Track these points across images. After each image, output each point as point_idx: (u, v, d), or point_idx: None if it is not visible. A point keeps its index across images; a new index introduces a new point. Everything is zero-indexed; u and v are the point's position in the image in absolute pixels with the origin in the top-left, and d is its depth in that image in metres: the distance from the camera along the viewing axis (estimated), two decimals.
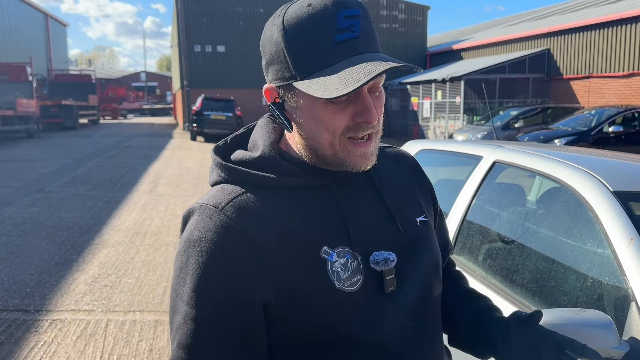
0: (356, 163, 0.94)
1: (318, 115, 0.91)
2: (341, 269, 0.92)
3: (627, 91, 15.83)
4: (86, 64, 79.31)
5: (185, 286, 0.90)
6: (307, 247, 0.91)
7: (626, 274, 1.50)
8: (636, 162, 2.39)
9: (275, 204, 0.93)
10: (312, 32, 0.87)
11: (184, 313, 0.90)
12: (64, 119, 27.95)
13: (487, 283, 2.08)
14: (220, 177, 0.98)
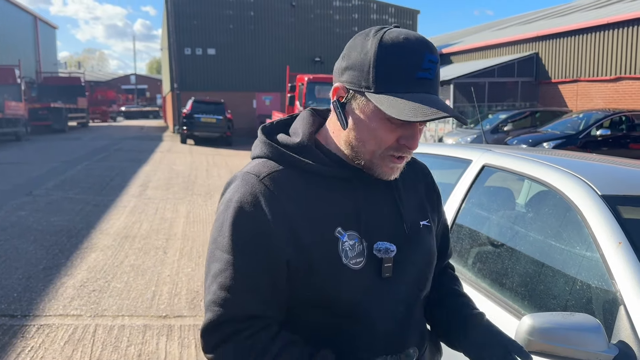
0: (385, 173, 1.11)
1: (375, 126, 1.06)
2: (349, 249, 1.09)
3: (615, 95, 15.99)
4: (76, 66, 78.87)
5: (225, 238, 1.06)
6: (324, 225, 1.08)
7: (614, 278, 1.51)
8: (624, 166, 2.41)
9: (305, 184, 1.10)
10: (401, 60, 1.02)
11: (224, 260, 1.06)
12: (53, 122, 27.72)
13: (477, 287, 2.08)
14: (263, 152, 1.15)
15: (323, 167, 1.11)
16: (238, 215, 1.06)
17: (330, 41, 27.66)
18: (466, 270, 2.25)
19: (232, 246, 1.06)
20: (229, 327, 1.05)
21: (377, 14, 28.52)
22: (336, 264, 1.07)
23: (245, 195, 1.07)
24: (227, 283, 1.05)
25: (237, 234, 1.06)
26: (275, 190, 1.07)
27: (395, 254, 1.13)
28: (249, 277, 1.05)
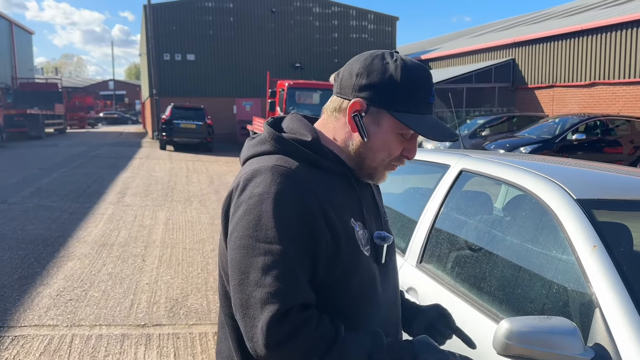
0: (379, 178, 1.28)
1: (389, 139, 1.23)
2: (362, 237, 1.22)
3: (589, 100, 16.30)
4: (53, 72, 77.69)
5: (270, 230, 1.09)
6: (344, 215, 1.19)
7: (590, 281, 1.53)
8: (598, 170, 2.45)
9: (322, 177, 1.20)
10: (421, 87, 1.22)
11: (273, 251, 1.08)
12: (29, 129, 27.22)
13: (456, 291, 2.09)
14: (276, 148, 1.22)
15: (332, 164, 1.23)
16: (280, 205, 1.10)
17: (310, 47, 27.73)
18: (445, 274, 2.26)
19: (279, 236, 1.08)
20: (296, 318, 1.06)
21: (357, 21, 28.68)
22: (357, 250, 1.20)
23: (282, 186, 1.12)
24: (282, 273, 1.07)
25: (282, 222, 1.09)
26: (308, 181, 1.15)
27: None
28: (302, 265, 1.10)
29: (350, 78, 1.24)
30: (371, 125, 1.22)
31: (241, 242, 1.11)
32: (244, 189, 1.16)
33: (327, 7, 28.33)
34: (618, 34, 15.32)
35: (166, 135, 20.43)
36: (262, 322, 1.05)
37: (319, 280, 1.15)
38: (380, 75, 1.21)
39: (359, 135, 1.23)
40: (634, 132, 13.21)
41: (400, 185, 3.59)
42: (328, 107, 1.30)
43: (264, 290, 1.06)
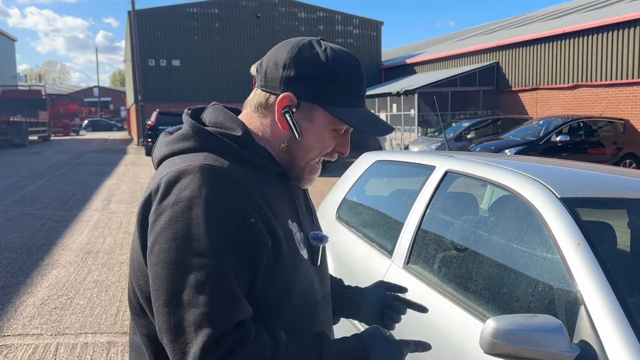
0: (305, 181, 1.19)
1: (324, 135, 1.12)
2: (300, 240, 1.12)
3: (573, 102, 16.49)
4: (36, 79, 76.95)
5: (201, 241, 0.93)
6: (281, 216, 1.08)
7: (575, 279, 1.54)
8: (581, 169, 2.47)
9: (257, 178, 1.07)
10: (354, 78, 1.12)
11: (205, 266, 0.93)
12: (12, 136, 26.91)
13: (442, 291, 2.09)
14: (202, 145, 1.07)
15: (265, 161, 1.11)
16: (213, 211, 0.95)
17: None
18: (432, 275, 2.26)
19: (213, 247, 0.93)
20: (230, 340, 0.92)
21: (342, 25, 28.79)
22: (297, 254, 1.09)
23: (215, 189, 0.97)
24: (218, 291, 0.93)
25: (217, 231, 0.94)
26: (242, 181, 1.01)
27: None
28: (240, 279, 0.96)
29: (277, 70, 1.10)
30: (303, 121, 1.10)
31: (167, 255, 0.94)
32: (166, 193, 0.98)
33: (313, 12, 28.41)
34: (600, 36, 15.54)
35: (152, 142, 20.30)
36: (195, 347, 0.90)
37: (260, 290, 1.01)
38: (310, 66, 1.08)
39: (289, 133, 1.11)
40: (616, 133, 13.40)
41: (386, 187, 3.60)
42: (251, 102, 1.15)
43: (197, 312, 0.91)
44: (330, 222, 3.48)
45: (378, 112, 22.13)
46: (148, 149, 20.99)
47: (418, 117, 19.01)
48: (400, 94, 19.78)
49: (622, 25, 14.77)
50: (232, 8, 27.11)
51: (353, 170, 3.64)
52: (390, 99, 20.90)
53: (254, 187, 1.02)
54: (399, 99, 20.16)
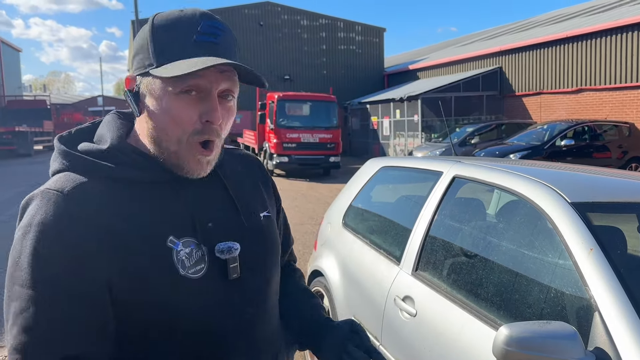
0: (192, 168, 1.01)
1: (168, 105, 0.96)
2: (186, 257, 0.98)
3: (577, 106, 16.46)
4: (41, 89, 77.43)
5: (24, 270, 0.90)
6: (153, 236, 0.96)
7: (588, 284, 1.52)
8: (591, 174, 2.45)
9: (121, 194, 0.97)
10: (176, 29, 0.98)
11: (25, 297, 0.89)
12: (18, 146, 27.03)
13: (452, 298, 2.08)
14: (64, 165, 1.00)
15: (140, 172, 1.00)
16: (40, 241, 0.90)
17: (299, 59, 27.85)
18: (441, 281, 2.25)
19: (34, 279, 0.89)
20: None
21: (344, 32, 28.86)
22: (173, 277, 0.96)
23: (47, 217, 0.91)
24: (30, 324, 0.88)
25: (40, 263, 0.89)
26: (83, 205, 0.93)
27: (240, 251, 1.04)
28: (58, 313, 0.89)
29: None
30: (148, 97, 0.99)
31: (7, 279, 0.93)
32: (19, 218, 0.96)
33: (315, 19, 28.50)
34: (603, 40, 15.52)
35: None
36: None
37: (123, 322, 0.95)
38: (138, 41, 1.01)
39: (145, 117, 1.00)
40: (621, 136, 13.34)
41: (393, 193, 3.59)
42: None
43: (10, 342, 0.89)
44: (337, 228, 3.47)
45: (381, 118, 22.16)
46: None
47: (422, 123, 19.00)
48: (404, 100, 19.79)
49: (625, 28, 14.76)
50: (235, 16, 27.24)
51: (359, 177, 3.63)
52: (394, 105, 20.91)
53: (104, 211, 0.94)
54: (402, 104, 20.17)
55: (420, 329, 2.17)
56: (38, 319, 0.89)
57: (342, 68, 28.34)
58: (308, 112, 16.87)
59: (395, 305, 2.38)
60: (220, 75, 0.98)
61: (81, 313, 0.91)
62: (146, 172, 1.00)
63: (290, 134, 16.29)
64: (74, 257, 0.90)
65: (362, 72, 28.62)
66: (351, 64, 28.60)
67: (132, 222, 0.95)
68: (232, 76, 1.00)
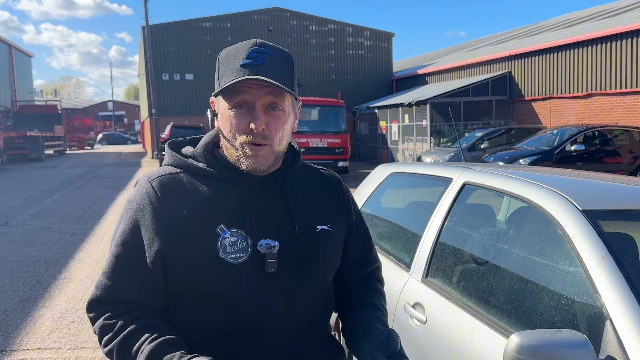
0: (247, 163, 1.22)
1: (227, 117, 1.23)
2: (229, 244, 1.20)
3: (587, 111, 16.36)
4: (52, 94, 78.04)
5: (116, 233, 1.24)
6: (206, 222, 1.21)
7: (599, 293, 1.52)
8: (602, 181, 2.45)
9: (196, 185, 1.25)
10: (229, 58, 1.23)
11: (110, 252, 1.23)
12: (29, 151, 27.29)
13: (462, 305, 2.08)
14: (166, 160, 1.33)
15: (212, 170, 1.26)
16: (127, 213, 1.24)
17: (308, 64, 27.91)
18: (451, 288, 2.25)
19: (117, 239, 1.22)
20: (102, 308, 1.21)
21: (353, 37, 28.91)
22: (211, 257, 1.18)
23: (136, 196, 1.25)
24: (107, 270, 1.22)
25: (123, 229, 1.23)
26: (159, 191, 1.22)
27: (282, 251, 1.22)
28: (124, 267, 1.20)
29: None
30: (219, 114, 1.27)
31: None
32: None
33: (324, 24, 28.57)
34: (614, 44, 15.44)
35: None
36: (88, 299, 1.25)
37: (172, 284, 1.21)
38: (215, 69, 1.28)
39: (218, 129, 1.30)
40: (632, 142, 13.24)
41: (402, 199, 3.59)
42: None
43: (98, 280, 1.24)
44: None
45: (390, 122, 22.14)
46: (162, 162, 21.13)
47: (430, 128, 18.97)
48: (412, 105, 19.77)
49: (636, 33, 14.67)
50: (245, 22, 27.36)
51: (369, 182, 3.64)
52: (402, 109, 20.89)
53: (174, 196, 1.22)
54: (410, 109, 20.15)
55: (430, 335, 2.17)
56: (111, 266, 1.22)
57: (351, 73, 28.35)
58: (317, 117, 16.89)
59: (405, 311, 2.38)
60: (263, 90, 1.19)
61: (140, 272, 1.19)
62: (215, 170, 1.26)
63: (299, 139, 16.31)
64: (139, 226, 1.21)
65: (371, 77, 28.62)
66: (360, 69, 28.62)
67: (194, 208, 1.21)
68: (275, 91, 1.20)
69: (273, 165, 1.26)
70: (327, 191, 1.39)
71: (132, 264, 1.20)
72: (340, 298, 1.42)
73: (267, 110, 1.21)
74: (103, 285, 1.22)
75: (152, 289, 1.21)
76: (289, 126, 1.27)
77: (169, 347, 1.14)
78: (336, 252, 1.36)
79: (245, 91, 1.19)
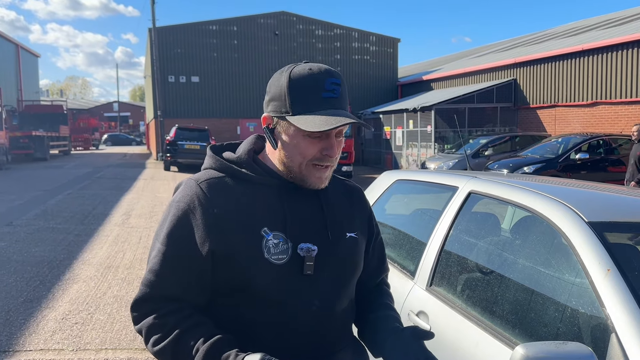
0: (313, 182, 1.33)
1: (298, 143, 1.29)
2: (273, 246, 1.27)
3: (592, 119, 16.34)
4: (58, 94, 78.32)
5: (163, 231, 1.28)
6: (252, 223, 1.28)
7: (605, 305, 1.52)
8: (608, 192, 2.45)
9: (239, 190, 1.31)
10: (308, 86, 1.27)
11: (157, 249, 1.27)
12: (35, 150, 27.37)
13: (467, 314, 2.08)
14: (209, 164, 1.38)
15: (255, 176, 1.33)
16: (176, 213, 1.28)
17: None
18: (456, 297, 2.25)
19: (165, 237, 1.26)
20: (148, 306, 1.26)
21: (359, 42, 28.95)
22: (257, 257, 1.25)
23: (184, 197, 1.29)
24: (155, 268, 1.26)
25: (171, 227, 1.26)
26: (208, 193, 1.28)
27: (318, 255, 1.31)
28: (173, 264, 1.25)
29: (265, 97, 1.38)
30: (282, 135, 1.31)
31: (154, 235, 1.33)
32: (173, 195, 1.36)
33: (330, 29, 28.63)
34: (619, 54, 15.42)
35: (170, 156, 20.51)
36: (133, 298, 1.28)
37: (218, 281, 1.27)
38: (274, 89, 1.32)
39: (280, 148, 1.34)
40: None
41: (407, 206, 3.60)
42: None
43: (144, 277, 1.28)
44: None
45: (394, 128, 22.14)
46: (167, 163, 21.19)
47: (435, 134, 18.96)
48: (417, 110, 19.78)
49: None
50: (251, 26, 27.45)
51: (373, 189, 3.64)
52: (407, 115, 20.90)
53: (222, 199, 1.28)
54: (415, 115, 20.15)
55: (433, 345, 2.16)
56: (160, 264, 1.26)
57: (356, 78, 28.39)
58: None
59: (409, 320, 2.38)
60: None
61: (188, 268, 1.25)
62: (257, 176, 1.33)
63: None
64: (191, 226, 1.25)
65: (376, 82, 28.65)
66: (365, 74, 28.65)
67: (239, 211, 1.28)
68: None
69: None
70: (353, 201, 1.49)
71: (181, 260, 1.25)
72: (357, 302, 1.51)
73: (335, 138, 1.32)
74: (149, 281, 1.26)
75: (199, 286, 1.26)
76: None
77: (224, 345, 1.20)
78: (361, 258, 1.46)
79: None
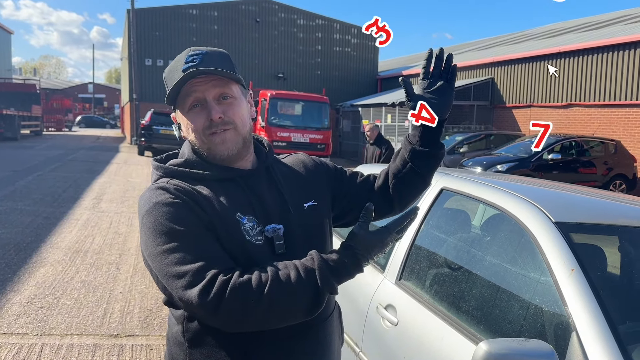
0: (220, 150, 1.33)
1: (186, 122, 1.35)
2: (250, 228, 1.30)
3: (565, 121, 16.64)
4: (31, 73, 76.51)
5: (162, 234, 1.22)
6: (225, 211, 1.29)
7: (567, 304, 1.55)
8: (576, 194, 2.49)
9: (198, 188, 1.31)
10: (172, 69, 1.36)
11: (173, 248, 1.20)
12: (4, 130, 26.71)
13: (434, 309, 2.10)
14: (158, 175, 1.38)
15: (208, 173, 1.34)
16: (162, 212, 1.24)
17: (293, 58, 27.84)
18: (424, 292, 2.27)
19: (172, 234, 1.22)
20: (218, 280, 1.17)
21: (340, 34, 28.90)
22: (241, 239, 1.28)
23: (161, 198, 1.26)
24: (188, 259, 1.19)
25: (169, 223, 1.23)
26: (179, 190, 1.28)
27: (286, 232, 1.34)
28: (202, 244, 1.22)
29: None
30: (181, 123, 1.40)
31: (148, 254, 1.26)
32: (139, 209, 1.31)
33: (312, 19, 28.50)
34: (595, 57, 15.71)
35: (145, 141, 20.23)
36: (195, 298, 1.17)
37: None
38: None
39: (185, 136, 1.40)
40: (607, 153, 13.52)
41: None
42: None
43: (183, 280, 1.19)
44: None
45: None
46: (141, 148, 20.88)
47: None
48: (396, 105, 19.87)
49: (618, 47, 14.95)
50: (232, 12, 27.16)
51: None
52: (385, 109, 20.98)
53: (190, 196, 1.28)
54: (394, 109, 20.25)
55: (401, 337, 2.19)
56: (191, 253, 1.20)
57: (336, 69, 28.36)
58: (300, 112, 16.88)
59: (377, 313, 2.40)
60: (209, 84, 1.32)
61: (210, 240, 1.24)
62: (211, 173, 1.34)
63: (281, 133, 16.29)
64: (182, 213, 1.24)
65: (356, 75, 28.67)
66: (345, 66, 28.64)
67: (209, 203, 1.28)
68: (220, 83, 1.33)
69: (245, 151, 1.38)
70: (299, 169, 1.52)
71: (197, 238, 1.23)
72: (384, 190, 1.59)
73: (220, 101, 1.33)
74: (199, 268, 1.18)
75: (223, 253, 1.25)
76: (245, 111, 1.38)
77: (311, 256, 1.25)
78: (324, 222, 1.47)
79: (193, 91, 1.31)
